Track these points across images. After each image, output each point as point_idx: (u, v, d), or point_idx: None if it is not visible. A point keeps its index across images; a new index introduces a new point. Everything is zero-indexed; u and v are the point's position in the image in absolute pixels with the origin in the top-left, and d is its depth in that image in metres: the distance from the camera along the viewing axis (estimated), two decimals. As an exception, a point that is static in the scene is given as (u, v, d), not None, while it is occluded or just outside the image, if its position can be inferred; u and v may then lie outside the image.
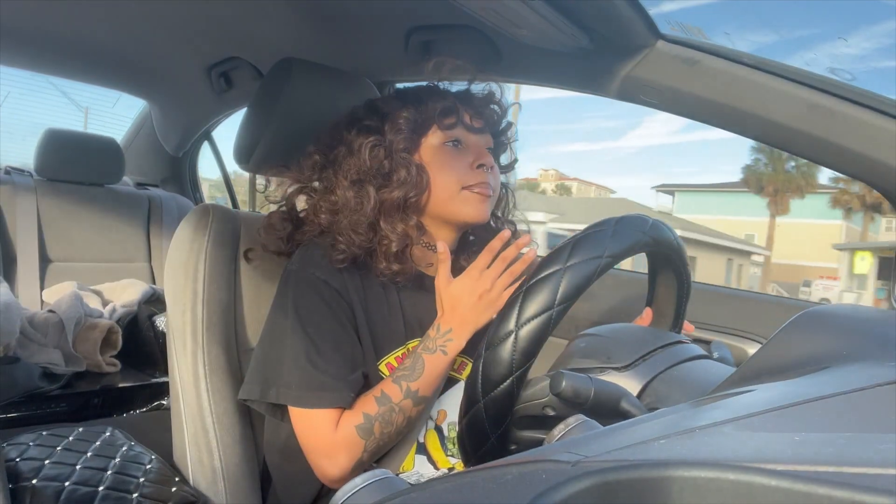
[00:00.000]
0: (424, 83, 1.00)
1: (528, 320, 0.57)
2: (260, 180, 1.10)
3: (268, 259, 1.02)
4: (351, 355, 0.87)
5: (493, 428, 0.59)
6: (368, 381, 0.89)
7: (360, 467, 0.84)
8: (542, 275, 0.59)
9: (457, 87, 0.99)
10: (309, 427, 0.85)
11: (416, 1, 1.13)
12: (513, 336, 0.57)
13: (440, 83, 0.98)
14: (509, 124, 1.01)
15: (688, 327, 0.89)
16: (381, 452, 0.88)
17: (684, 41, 0.96)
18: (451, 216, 0.93)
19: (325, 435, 0.84)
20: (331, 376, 0.84)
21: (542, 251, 1.09)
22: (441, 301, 0.90)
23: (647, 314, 0.87)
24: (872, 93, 0.84)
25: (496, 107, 0.99)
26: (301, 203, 0.99)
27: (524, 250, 0.88)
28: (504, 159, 1.06)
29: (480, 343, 0.61)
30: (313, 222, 0.94)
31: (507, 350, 0.57)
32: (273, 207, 1.01)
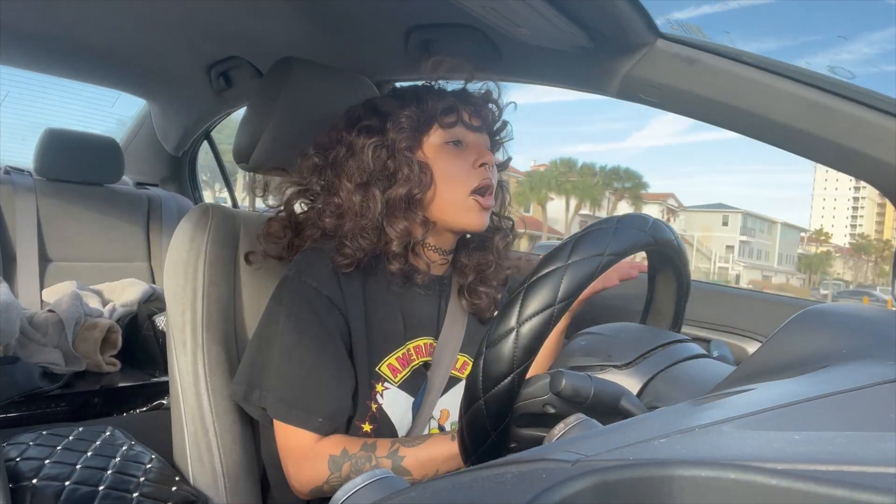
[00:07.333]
0: (421, 83, 1.00)
1: (530, 317, 0.57)
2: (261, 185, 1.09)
3: (268, 260, 1.01)
4: (336, 373, 0.86)
5: (494, 425, 0.59)
6: (371, 383, 0.88)
7: (318, 493, 0.85)
8: (544, 272, 0.58)
9: (453, 86, 0.98)
10: (283, 434, 0.86)
11: (416, 0, 1.12)
12: (514, 333, 0.57)
13: (437, 83, 0.98)
14: (505, 123, 1.01)
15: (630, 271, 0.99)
16: None
17: (684, 40, 0.95)
18: (454, 224, 0.93)
19: (296, 446, 0.85)
20: (306, 397, 0.84)
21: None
22: None
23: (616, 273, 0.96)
24: (872, 91, 0.84)
25: (493, 105, 0.99)
26: (299, 207, 0.99)
27: None
28: (498, 156, 1.05)
29: (482, 341, 0.61)
30: (315, 226, 0.93)
31: (508, 347, 0.57)
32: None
